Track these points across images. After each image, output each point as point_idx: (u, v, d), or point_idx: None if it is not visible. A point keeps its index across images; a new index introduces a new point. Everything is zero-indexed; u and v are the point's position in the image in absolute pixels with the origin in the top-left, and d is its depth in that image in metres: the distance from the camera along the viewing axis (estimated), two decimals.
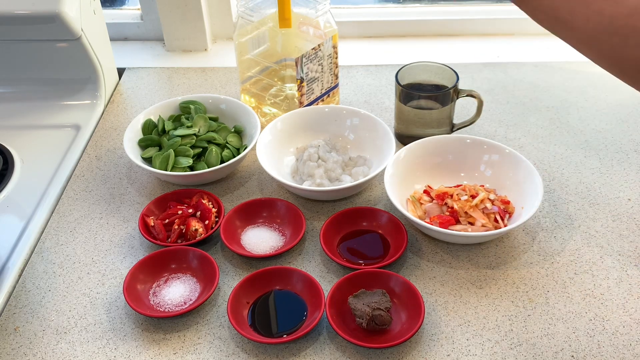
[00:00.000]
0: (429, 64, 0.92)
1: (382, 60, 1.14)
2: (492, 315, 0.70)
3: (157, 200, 0.83)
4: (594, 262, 0.76)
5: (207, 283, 0.73)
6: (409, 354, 0.66)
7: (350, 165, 0.87)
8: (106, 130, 1.00)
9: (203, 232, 0.78)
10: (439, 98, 0.89)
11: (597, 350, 0.66)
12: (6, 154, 0.94)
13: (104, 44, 1.06)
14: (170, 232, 0.79)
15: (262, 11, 0.93)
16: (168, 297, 0.72)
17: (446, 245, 0.78)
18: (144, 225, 0.80)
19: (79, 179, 0.91)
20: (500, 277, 0.74)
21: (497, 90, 1.06)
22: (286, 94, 0.95)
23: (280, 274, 0.73)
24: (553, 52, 1.15)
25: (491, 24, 1.21)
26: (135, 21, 1.23)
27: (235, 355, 0.67)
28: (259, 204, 0.82)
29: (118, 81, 1.12)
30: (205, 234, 0.78)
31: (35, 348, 0.69)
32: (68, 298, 0.74)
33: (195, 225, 0.79)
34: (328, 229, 0.78)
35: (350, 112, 0.93)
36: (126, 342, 0.69)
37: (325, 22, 0.92)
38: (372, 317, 0.66)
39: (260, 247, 0.78)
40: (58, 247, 0.81)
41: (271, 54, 0.95)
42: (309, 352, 0.67)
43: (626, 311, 0.70)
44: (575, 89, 1.05)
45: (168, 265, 0.75)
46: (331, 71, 0.96)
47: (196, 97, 0.97)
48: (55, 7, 0.94)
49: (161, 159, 0.87)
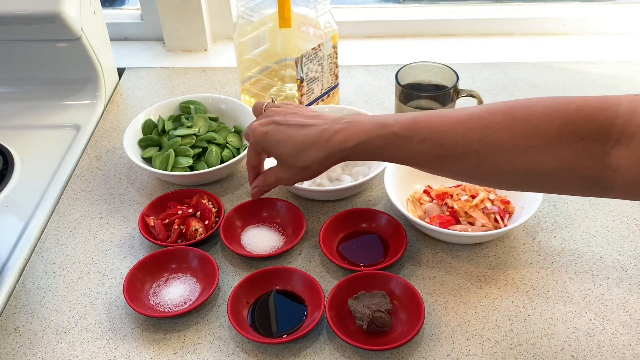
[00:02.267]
0: (429, 64, 0.92)
1: (382, 60, 1.14)
2: (492, 315, 0.70)
3: (157, 200, 0.83)
4: (594, 262, 0.76)
5: (207, 283, 0.73)
6: (409, 354, 0.66)
7: (350, 165, 0.87)
8: (106, 130, 1.00)
9: (203, 232, 0.78)
10: (439, 98, 0.89)
11: (597, 350, 0.66)
12: (6, 154, 0.94)
13: (104, 44, 1.06)
14: (170, 232, 0.79)
15: (262, 11, 0.93)
16: (168, 297, 0.72)
17: (446, 245, 0.78)
18: (144, 225, 0.80)
19: (79, 179, 0.91)
20: (500, 277, 0.74)
21: (497, 90, 1.06)
22: (286, 94, 0.95)
23: (280, 274, 0.73)
24: (553, 52, 1.15)
25: (491, 24, 1.21)
26: (135, 21, 1.23)
27: (235, 355, 0.67)
28: (259, 203, 0.82)
29: (118, 81, 1.12)
30: (205, 234, 0.78)
31: (35, 348, 0.69)
32: (68, 298, 0.74)
33: (195, 225, 0.79)
34: (327, 230, 0.78)
35: (350, 112, 0.93)
36: (126, 342, 0.69)
37: (325, 22, 0.92)
38: (372, 319, 0.66)
39: (261, 247, 0.78)
40: (58, 247, 0.81)
41: (271, 54, 0.95)
42: (309, 352, 0.67)
43: (626, 311, 0.70)
44: (575, 89, 1.05)
45: (168, 265, 0.75)
46: (331, 71, 0.96)
47: (196, 97, 0.97)
48: (55, 7, 0.94)
49: (161, 159, 0.87)
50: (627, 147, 0.52)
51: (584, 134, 0.54)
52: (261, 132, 0.70)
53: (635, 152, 0.52)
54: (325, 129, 0.66)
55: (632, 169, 0.52)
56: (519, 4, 1.23)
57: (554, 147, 0.55)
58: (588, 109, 0.54)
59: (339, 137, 0.65)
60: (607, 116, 0.53)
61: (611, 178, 0.54)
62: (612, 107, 0.53)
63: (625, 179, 0.53)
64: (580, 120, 0.54)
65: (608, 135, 0.53)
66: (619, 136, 0.52)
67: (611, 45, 1.17)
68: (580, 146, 0.54)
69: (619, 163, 0.53)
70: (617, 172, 0.53)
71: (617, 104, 0.54)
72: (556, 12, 1.20)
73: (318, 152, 0.66)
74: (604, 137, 0.53)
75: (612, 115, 0.53)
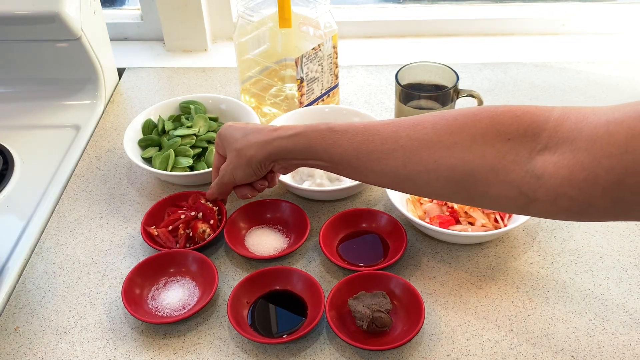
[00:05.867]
0: (429, 64, 0.92)
1: (382, 60, 1.14)
2: (492, 315, 0.70)
3: (153, 209, 0.81)
4: (594, 262, 0.76)
5: (207, 287, 0.72)
6: (409, 354, 0.66)
7: None
8: (106, 130, 1.00)
9: (211, 232, 0.78)
10: (439, 98, 0.89)
11: (597, 350, 0.66)
12: (6, 154, 0.94)
13: (104, 44, 1.06)
14: (176, 237, 0.78)
15: (262, 11, 0.93)
16: (167, 302, 0.71)
17: (446, 245, 0.78)
18: (148, 235, 0.78)
19: (79, 179, 0.91)
20: (500, 277, 0.74)
21: (497, 90, 1.06)
22: (286, 94, 0.95)
23: (281, 274, 0.73)
24: (553, 52, 1.15)
25: (491, 24, 1.21)
26: (135, 21, 1.23)
27: (235, 355, 0.67)
28: (264, 205, 0.82)
29: (118, 81, 1.12)
30: (213, 234, 0.78)
31: (35, 348, 0.69)
32: (68, 298, 0.74)
33: (202, 227, 0.77)
34: (327, 230, 0.78)
35: (350, 112, 0.93)
36: (126, 342, 0.69)
37: (325, 22, 0.92)
38: (372, 319, 0.66)
39: (264, 248, 0.78)
40: (58, 247, 0.81)
41: (271, 54, 0.95)
42: (309, 353, 0.67)
43: (626, 311, 0.70)
44: (575, 89, 1.05)
45: (166, 269, 0.75)
46: (331, 71, 0.96)
47: (196, 97, 0.97)
48: (55, 7, 0.94)
49: (161, 159, 0.87)
50: (555, 153, 0.50)
51: (511, 135, 0.52)
52: (224, 126, 0.74)
53: (562, 157, 0.49)
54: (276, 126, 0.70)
55: (558, 175, 0.49)
56: (519, 4, 1.23)
57: (480, 145, 0.54)
58: (518, 112, 0.53)
59: (283, 128, 0.69)
60: (538, 120, 0.52)
61: (535, 187, 0.51)
62: (544, 112, 0.52)
63: (550, 187, 0.50)
64: (509, 121, 0.53)
65: (536, 140, 0.51)
66: (548, 141, 0.51)
67: (611, 45, 1.17)
68: (507, 147, 0.52)
69: (545, 169, 0.50)
70: (542, 179, 0.50)
71: (550, 109, 0.52)
72: (556, 12, 1.21)
73: (258, 135, 0.69)
74: (532, 140, 0.51)
75: (543, 119, 0.52)
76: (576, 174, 0.48)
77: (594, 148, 0.47)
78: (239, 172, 0.72)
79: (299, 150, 0.66)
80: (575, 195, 0.49)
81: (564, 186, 0.49)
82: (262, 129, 0.70)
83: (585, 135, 0.48)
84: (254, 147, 0.69)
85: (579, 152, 0.48)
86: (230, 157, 0.72)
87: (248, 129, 0.71)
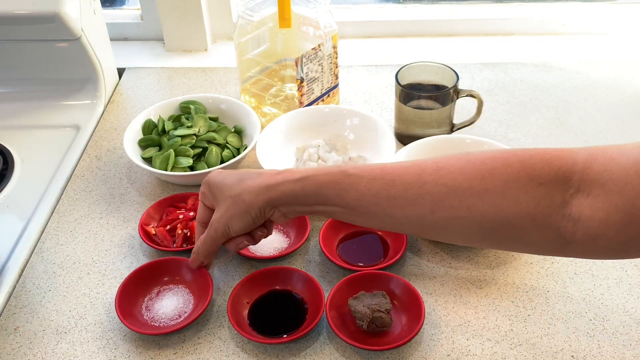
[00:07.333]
0: (429, 64, 0.92)
1: (382, 60, 1.14)
2: (492, 315, 0.70)
3: (152, 207, 0.81)
4: (594, 262, 0.76)
5: (202, 294, 0.71)
6: (409, 354, 0.66)
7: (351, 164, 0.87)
8: (106, 130, 1.00)
9: None
10: (439, 98, 0.89)
11: (597, 350, 0.66)
12: (6, 154, 0.94)
13: (104, 44, 1.06)
14: (174, 236, 0.78)
15: (262, 11, 0.93)
16: (162, 311, 0.70)
17: (446, 245, 0.78)
18: (145, 234, 0.78)
19: (79, 179, 0.91)
20: (500, 277, 0.74)
21: (497, 90, 1.06)
22: (286, 94, 0.95)
23: (280, 274, 0.73)
24: (553, 52, 1.15)
25: (491, 24, 1.21)
26: (135, 21, 1.23)
27: (235, 355, 0.67)
28: None
29: (118, 81, 1.12)
30: None
31: (35, 348, 0.69)
32: (68, 298, 0.74)
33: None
34: (327, 230, 0.78)
35: (350, 112, 0.93)
36: (126, 342, 0.69)
37: (325, 22, 0.92)
38: (372, 319, 0.66)
39: (264, 248, 0.77)
40: (58, 247, 0.81)
41: (271, 54, 0.95)
42: (309, 352, 0.67)
43: (626, 311, 0.70)
44: (575, 89, 1.05)
45: (160, 278, 0.73)
46: (331, 71, 0.96)
47: (196, 97, 0.97)
48: (55, 7, 0.94)
49: (161, 159, 0.87)
50: (589, 195, 0.50)
51: (543, 179, 0.52)
52: (212, 174, 0.67)
53: (596, 200, 0.49)
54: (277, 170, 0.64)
55: (595, 218, 0.49)
56: (519, 4, 1.23)
57: (513, 191, 0.52)
58: (546, 155, 0.53)
59: (288, 172, 0.62)
60: (566, 162, 0.52)
61: (572, 230, 0.51)
62: (570, 155, 0.52)
63: (588, 229, 0.50)
64: (539, 165, 0.52)
65: (568, 183, 0.51)
66: (580, 184, 0.51)
67: (611, 45, 1.17)
68: (540, 192, 0.52)
69: (581, 212, 0.50)
70: (579, 222, 0.50)
71: (575, 151, 0.52)
72: (556, 12, 1.21)
73: (258, 180, 0.63)
74: (564, 183, 0.51)
75: (570, 162, 0.52)
76: (612, 215, 0.49)
77: (626, 190, 0.48)
78: (235, 222, 0.64)
79: (306, 194, 0.60)
80: (613, 236, 0.50)
81: (602, 228, 0.50)
82: (262, 173, 0.64)
83: (616, 177, 0.49)
84: (254, 191, 0.62)
85: (612, 194, 0.49)
86: (224, 206, 0.64)
87: (242, 173, 0.65)
